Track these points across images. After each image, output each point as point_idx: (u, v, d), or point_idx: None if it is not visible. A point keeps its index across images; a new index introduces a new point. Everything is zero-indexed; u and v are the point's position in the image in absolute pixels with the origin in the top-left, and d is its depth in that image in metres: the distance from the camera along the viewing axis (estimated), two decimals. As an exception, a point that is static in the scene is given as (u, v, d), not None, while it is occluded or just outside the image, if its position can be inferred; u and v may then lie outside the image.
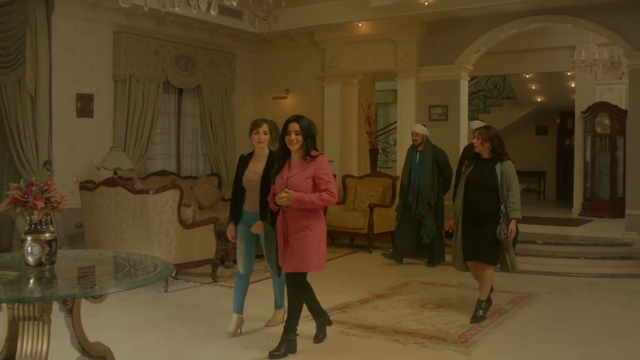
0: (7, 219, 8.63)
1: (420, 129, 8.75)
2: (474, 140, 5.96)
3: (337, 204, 10.42)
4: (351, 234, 10.22)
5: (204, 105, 11.00)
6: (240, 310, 5.45)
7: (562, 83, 15.13)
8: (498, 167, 5.80)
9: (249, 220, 5.38)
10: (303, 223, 4.78)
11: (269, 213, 4.99)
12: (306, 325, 5.69)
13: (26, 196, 3.40)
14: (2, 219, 8.75)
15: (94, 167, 9.07)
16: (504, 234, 5.70)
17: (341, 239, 10.47)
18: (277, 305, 5.75)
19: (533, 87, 16.20)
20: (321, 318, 5.27)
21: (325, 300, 6.69)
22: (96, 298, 3.59)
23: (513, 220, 5.74)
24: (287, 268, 4.84)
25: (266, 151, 5.41)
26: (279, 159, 4.93)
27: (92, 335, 3.74)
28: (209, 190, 10.28)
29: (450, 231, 6.15)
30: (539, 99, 16.71)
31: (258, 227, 5.22)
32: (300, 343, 5.11)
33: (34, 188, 3.43)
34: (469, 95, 12.55)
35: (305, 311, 5.06)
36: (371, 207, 9.77)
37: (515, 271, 6.03)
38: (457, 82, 10.41)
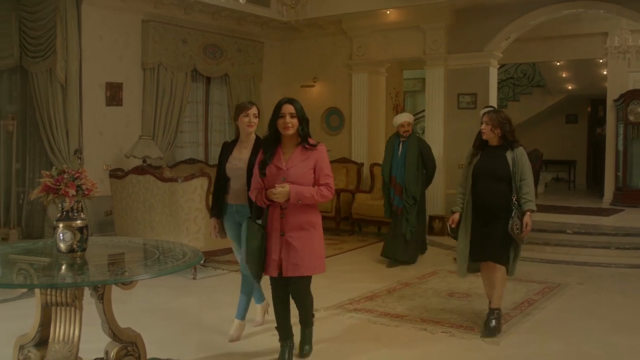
0: (39, 206, 8.78)
1: (411, 119, 8.19)
2: (483, 126, 5.29)
3: (364, 192, 10.44)
4: (378, 223, 10.18)
5: (231, 94, 11.02)
6: (243, 316, 5.06)
7: (594, 70, 14.88)
8: (509, 155, 5.17)
9: (233, 214, 4.89)
10: (306, 219, 4.25)
11: (254, 207, 4.39)
12: (334, 313, 5.72)
13: (58, 184, 3.44)
14: (34, 207, 8.90)
15: (123, 155, 9.16)
16: (517, 228, 5.02)
17: (368, 228, 10.45)
18: (259, 300, 5.36)
19: (564, 75, 15.96)
20: (312, 327, 4.65)
21: (352, 288, 6.71)
22: (126, 285, 3.63)
23: (528, 213, 5.06)
24: (290, 272, 4.21)
25: (253, 137, 4.95)
26: (267, 146, 4.29)
27: (123, 321, 3.78)
28: (236, 178, 10.30)
29: (454, 226, 5.37)
30: (569, 87, 16.47)
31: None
32: (326, 331, 5.13)
33: (65, 176, 3.46)
34: (498, 83, 12.39)
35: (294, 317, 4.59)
36: (398, 196, 9.70)
37: (511, 276, 5.36)
38: (486, 70, 10.29)
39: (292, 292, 4.37)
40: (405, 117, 8.15)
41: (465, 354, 4.70)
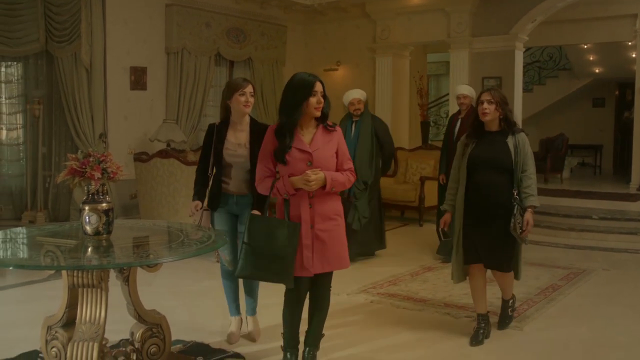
0: (65, 189, 8.88)
1: (363, 95, 7.19)
2: (484, 106, 4.45)
3: (389, 176, 10.40)
4: (402, 207, 10.16)
5: (255, 77, 11.03)
6: (237, 311, 4.69)
7: (622, 53, 14.61)
8: (510, 142, 4.46)
9: (232, 205, 4.40)
10: (333, 208, 3.82)
11: (267, 200, 3.83)
12: (357, 297, 5.73)
13: (84, 167, 3.46)
14: (60, 190, 9.00)
15: (147, 139, 9.22)
16: (520, 227, 4.41)
17: (392, 212, 10.42)
18: (254, 311, 4.72)
19: (591, 58, 15.70)
20: (318, 349, 4.05)
21: (376, 273, 6.71)
22: (151, 267, 3.66)
23: (529, 210, 4.44)
24: (319, 268, 3.76)
25: (247, 119, 4.44)
26: (286, 128, 3.74)
27: (148, 303, 3.82)
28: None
29: (446, 229, 4.76)
30: (596, 70, 16.20)
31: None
32: (350, 315, 5.14)
33: (91, 159, 3.48)
34: (523, 67, 12.24)
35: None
36: (422, 180, 9.68)
37: (518, 279, 4.84)
38: (512, 53, 10.18)
39: (316, 292, 3.92)
40: (354, 94, 7.17)
41: (490, 338, 4.68)
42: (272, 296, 3.93)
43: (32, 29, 8.77)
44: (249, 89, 4.36)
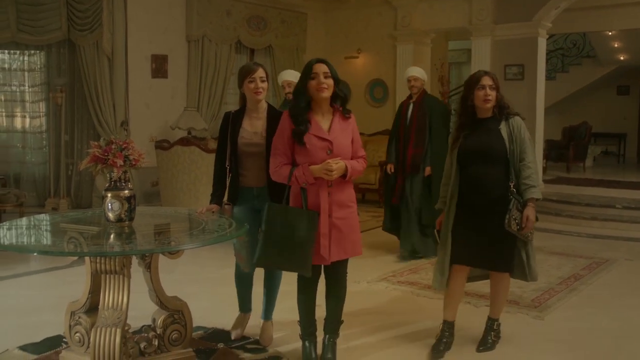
0: (87, 177, 8.97)
1: (295, 77, 5.96)
2: (487, 92, 3.99)
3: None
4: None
5: (275, 65, 11.01)
6: (248, 308, 4.50)
7: (648, 40, 14.39)
8: (504, 129, 4.01)
9: (253, 200, 4.09)
10: (348, 195, 3.80)
11: (287, 189, 3.76)
12: (377, 285, 5.72)
13: (106, 154, 3.48)
14: (82, 177, 9.09)
15: (168, 126, 9.27)
16: (517, 223, 3.93)
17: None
18: (268, 316, 4.45)
19: (615, 45, 15.46)
20: (338, 337, 4.05)
21: (396, 261, 6.70)
22: (173, 254, 3.69)
23: (530, 204, 3.95)
24: (335, 256, 3.74)
25: (264, 105, 4.16)
26: (298, 113, 3.68)
27: (169, 289, 3.85)
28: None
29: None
30: (621, 58, 15.96)
31: None
32: (370, 303, 5.13)
33: (113, 146, 3.51)
34: (546, 54, 12.09)
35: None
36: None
37: (535, 280, 4.26)
38: (535, 40, 10.05)
39: (332, 279, 3.90)
40: (285, 76, 6.39)
41: (510, 327, 4.65)
42: (292, 283, 3.94)
43: (54, 17, 8.83)
44: (258, 73, 4.03)
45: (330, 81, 3.66)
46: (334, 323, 3.99)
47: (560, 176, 12.43)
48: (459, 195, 4.07)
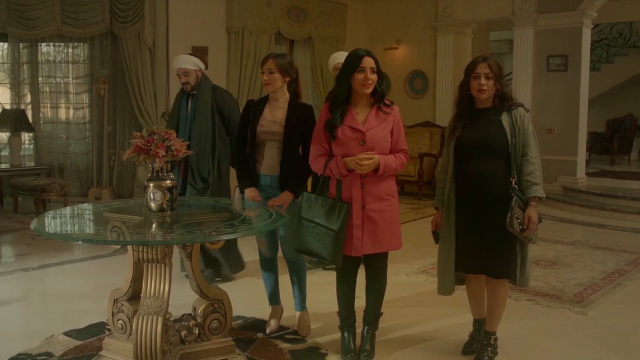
0: (129, 167, 9.11)
1: (190, 64, 5.21)
2: (481, 82, 3.66)
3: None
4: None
5: (315, 57, 11.01)
6: (277, 301, 4.50)
7: (698, 29, 13.97)
8: (506, 120, 3.68)
9: (266, 187, 4.13)
10: (386, 188, 3.72)
11: (321, 179, 3.73)
12: (416, 278, 5.69)
13: (149, 144, 3.52)
14: (124, 168, 9.24)
15: (208, 118, 9.32)
16: (519, 223, 3.57)
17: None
18: (302, 306, 4.46)
19: (664, 35, 15.09)
20: (377, 329, 4.04)
21: (435, 253, 6.64)
22: (213, 244, 3.72)
23: (532, 204, 3.59)
24: (370, 249, 3.69)
25: (287, 96, 4.13)
26: (336, 104, 3.67)
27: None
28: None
29: (438, 230, 3.92)
30: (670, 48, 15.56)
31: (283, 199, 3.99)
32: (408, 295, 5.10)
33: (155, 137, 3.54)
34: (591, 45, 11.84)
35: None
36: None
37: (526, 286, 3.91)
38: (579, 30, 9.84)
39: (370, 272, 3.88)
40: (180, 64, 5.23)
41: (552, 322, 4.59)
42: (332, 274, 3.95)
43: (97, 10, 8.97)
44: (266, 65, 4.03)
45: (375, 77, 3.62)
46: (373, 315, 3.97)
47: (604, 169, 12.19)
48: (456, 192, 3.77)
